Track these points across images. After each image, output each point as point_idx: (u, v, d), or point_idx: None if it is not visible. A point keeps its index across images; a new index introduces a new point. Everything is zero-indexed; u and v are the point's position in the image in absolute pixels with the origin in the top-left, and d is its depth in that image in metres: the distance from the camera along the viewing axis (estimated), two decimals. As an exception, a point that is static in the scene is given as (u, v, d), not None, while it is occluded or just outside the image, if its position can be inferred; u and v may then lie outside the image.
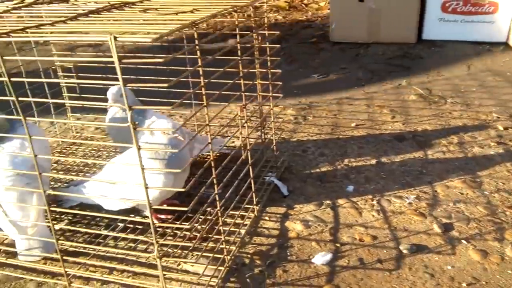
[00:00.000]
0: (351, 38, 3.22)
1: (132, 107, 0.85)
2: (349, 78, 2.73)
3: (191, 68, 0.92)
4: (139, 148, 0.91)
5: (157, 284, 1.19)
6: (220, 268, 1.22)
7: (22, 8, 1.30)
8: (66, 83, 1.87)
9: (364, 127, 2.08)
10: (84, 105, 2.06)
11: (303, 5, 4.15)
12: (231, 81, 1.16)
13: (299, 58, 3.08)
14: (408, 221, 1.42)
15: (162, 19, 1.01)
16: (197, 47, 0.93)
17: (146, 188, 0.96)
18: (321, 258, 1.27)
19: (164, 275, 1.08)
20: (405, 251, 1.30)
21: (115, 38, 0.78)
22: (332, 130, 2.08)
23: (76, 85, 1.84)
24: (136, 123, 0.88)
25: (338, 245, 1.33)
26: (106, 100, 1.51)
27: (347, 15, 3.16)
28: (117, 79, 0.81)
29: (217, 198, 1.14)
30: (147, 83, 0.86)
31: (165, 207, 1.39)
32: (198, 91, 1.01)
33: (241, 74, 1.23)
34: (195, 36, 0.93)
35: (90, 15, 1.12)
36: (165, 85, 0.82)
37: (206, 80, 0.99)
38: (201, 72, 0.96)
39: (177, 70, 1.45)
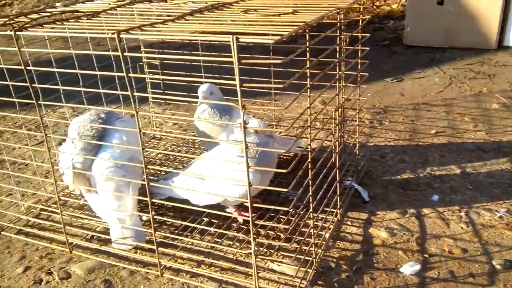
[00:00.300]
0: (426, 41, 3.13)
1: (245, 106, 0.87)
2: (425, 83, 2.66)
3: (301, 70, 0.93)
4: (246, 147, 0.93)
5: (245, 280, 1.20)
6: (308, 270, 1.21)
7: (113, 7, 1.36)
8: (153, 78, 1.94)
9: (444, 135, 2.01)
10: (167, 101, 2.15)
11: (374, 7, 4.08)
12: (328, 84, 1.15)
13: (371, 60, 3.01)
14: (499, 236, 1.36)
15: (270, 20, 1.02)
16: (308, 48, 0.94)
17: (250, 186, 0.97)
18: (409, 268, 1.24)
19: (258, 272, 1.09)
20: (498, 267, 1.24)
21: (237, 38, 0.80)
22: (410, 136, 2.02)
23: (160, 81, 1.90)
24: (247, 122, 0.89)
25: (426, 255, 1.29)
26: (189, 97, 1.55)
27: (423, 18, 3.07)
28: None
29: (311, 200, 1.14)
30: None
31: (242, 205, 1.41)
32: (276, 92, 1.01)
33: (337, 77, 1.22)
34: (307, 37, 0.93)
35: (194, 14, 1.15)
36: (280, 86, 0.82)
37: (311, 82, 0.99)
38: (308, 74, 0.97)
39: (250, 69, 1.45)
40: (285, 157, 1.82)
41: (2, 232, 1.48)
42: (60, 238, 1.42)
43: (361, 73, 1.48)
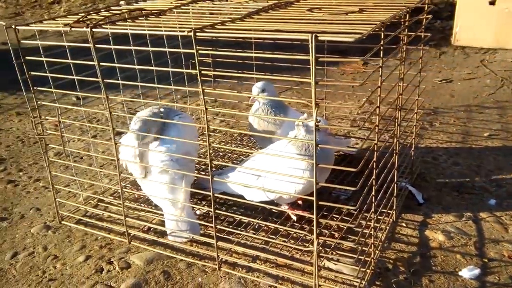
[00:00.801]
0: (476, 42, 3.05)
1: (319, 104, 0.87)
2: (475, 84, 2.59)
3: (371, 72, 0.93)
4: (316, 145, 0.93)
5: (301, 277, 1.21)
6: (366, 270, 1.21)
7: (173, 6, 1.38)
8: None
9: (498, 138, 1.97)
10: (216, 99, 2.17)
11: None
12: (394, 85, 1.15)
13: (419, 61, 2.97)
14: (562, 243, 1.32)
15: (339, 19, 1.03)
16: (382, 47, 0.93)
17: (316, 183, 0.98)
18: (468, 272, 1.22)
19: (319, 269, 1.10)
20: (562, 275, 1.21)
21: (316, 36, 0.80)
22: (463, 139, 1.98)
23: (212, 79, 1.93)
24: (319, 120, 0.90)
25: (485, 260, 1.27)
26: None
27: (474, 18, 2.99)
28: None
29: (373, 200, 1.14)
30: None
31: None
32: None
33: (401, 77, 1.21)
34: (382, 36, 0.93)
35: (260, 13, 1.17)
36: (357, 84, 0.82)
37: (382, 81, 0.99)
38: (381, 73, 0.96)
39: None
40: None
41: (62, 222, 1.54)
42: (118, 229, 1.46)
43: (423, 73, 1.46)
